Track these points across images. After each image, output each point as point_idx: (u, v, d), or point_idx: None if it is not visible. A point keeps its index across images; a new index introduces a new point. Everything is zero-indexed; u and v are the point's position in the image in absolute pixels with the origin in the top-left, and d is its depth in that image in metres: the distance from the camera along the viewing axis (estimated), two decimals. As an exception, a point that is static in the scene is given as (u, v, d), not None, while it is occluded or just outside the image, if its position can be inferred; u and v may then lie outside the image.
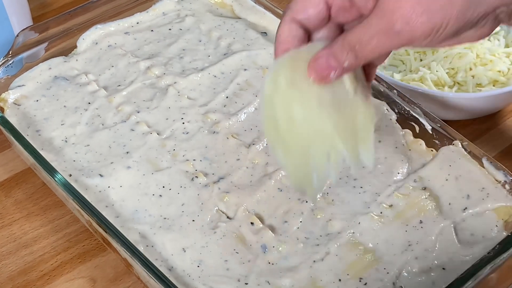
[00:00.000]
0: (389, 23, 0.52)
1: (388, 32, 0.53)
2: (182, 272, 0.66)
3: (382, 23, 0.52)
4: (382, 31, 0.53)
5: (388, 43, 0.53)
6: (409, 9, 0.51)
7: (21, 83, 0.83)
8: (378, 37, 0.53)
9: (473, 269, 0.64)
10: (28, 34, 0.85)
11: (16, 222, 0.79)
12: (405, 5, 0.51)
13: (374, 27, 0.53)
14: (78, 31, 0.89)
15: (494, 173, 0.73)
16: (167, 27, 0.92)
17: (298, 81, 0.58)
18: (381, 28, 0.53)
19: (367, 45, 0.54)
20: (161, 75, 0.85)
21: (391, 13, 0.52)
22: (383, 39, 0.53)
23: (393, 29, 0.52)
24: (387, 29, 0.52)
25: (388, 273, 0.66)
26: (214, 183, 0.73)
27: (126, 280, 0.74)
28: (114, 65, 0.87)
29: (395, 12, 0.52)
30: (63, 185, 0.70)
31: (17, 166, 0.85)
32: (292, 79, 0.58)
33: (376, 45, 0.54)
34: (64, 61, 0.87)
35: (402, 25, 0.52)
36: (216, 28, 0.92)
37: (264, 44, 0.89)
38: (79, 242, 0.77)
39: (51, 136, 0.78)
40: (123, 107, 0.81)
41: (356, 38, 0.54)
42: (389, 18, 0.52)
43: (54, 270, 0.75)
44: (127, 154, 0.76)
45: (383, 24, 0.52)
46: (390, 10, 0.52)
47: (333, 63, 0.55)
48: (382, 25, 0.53)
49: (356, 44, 0.54)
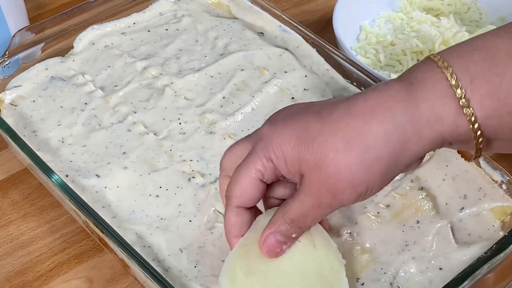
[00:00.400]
0: (318, 200, 0.56)
1: (320, 206, 0.57)
2: (179, 272, 0.66)
3: (312, 200, 0.56)
4: (315, 206, 0.57)
5: (324, 213, 0.58)
6: (333, 185, 0.55)
7: (17, 84, 0.83)
8: (313, 211, 0.57)
9: (470, 269, 0.64)
10: (25, 35, 0.85)
11: (13, 223, 0.79)
12: (328, 182, 0.55)
13: (306, 203, 0.57)
14: (75, 31, 0.89)
15: (491, 173, 0.73)
16: (164, 28, 0.92)
17: (254, 266, 0.60)
18: (313, 204, 0.57)
19: (306, 218, 0.58)
20: (158, 76, 0.85)
21: (318, 192, 0.56)
22: (318, 211, 0.57)
23: (323, 203, 0.56)
24: (319, 204, 0.57)
25: (385, 273, 0.66)
26: (211, 183, 0.73)
27: (123, 280, 0.74)
28: (111, 65, 0.87)
29: (321, 191, 0.55)
30: (59, 185, 0.70)
31: (14, 166, 0.85)
32: (248, 267, 0.60)
33: (314, 217, 0.58)
34: (61, 62, 0.87)
35: (330, 199, 0.56)
36: (213, 29, 0.92)
37: (261, 45, 0.89)
38: (76, 242, 0.77)
39: (48, 137, 0.78)
40: (120, 108, 0.81)
41: (294, 214, 0.58)
42: (317, 196, 0.56)
43: (51, 270, 0.75)
44: (124, 155, 0.76)
45: (314, 201, 0.56)
46: (317, 189, 0.56)
47: (282, 238, 0.59)
48: (313, 201, 0.57)
49: (296, 219, 0.58)
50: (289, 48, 0.89)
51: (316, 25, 1.06)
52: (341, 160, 0.54)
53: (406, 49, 0.95)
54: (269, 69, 0.86)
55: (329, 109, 0.56)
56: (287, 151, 0.56)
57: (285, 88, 0.84)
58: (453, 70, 0.53)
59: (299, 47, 0.89)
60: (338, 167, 0.54)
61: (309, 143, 0.55)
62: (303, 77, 0.85)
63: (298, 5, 1.11)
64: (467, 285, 0.63)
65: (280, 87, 0.84)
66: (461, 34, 0.93)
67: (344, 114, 0.55)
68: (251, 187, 0.59)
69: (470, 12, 1.04)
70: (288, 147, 0.56)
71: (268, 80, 0.84)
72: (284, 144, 0.56)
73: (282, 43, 0.90)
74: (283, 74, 0.85)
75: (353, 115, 0.55)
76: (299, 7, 1.11)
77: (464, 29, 0.96)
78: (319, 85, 0.84)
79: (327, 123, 0.55)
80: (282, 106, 0.80)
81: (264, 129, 0.59)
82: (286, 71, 0.86)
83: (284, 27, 0.91)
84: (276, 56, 0.88)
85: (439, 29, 0.96)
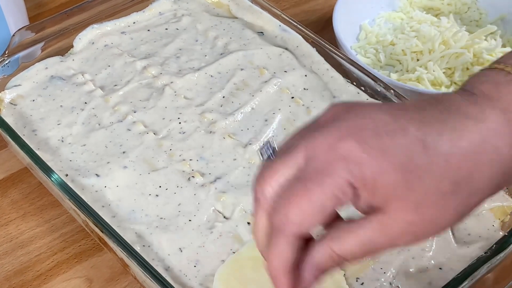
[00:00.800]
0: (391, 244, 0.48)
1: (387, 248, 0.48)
2: (178, 272, 0.66)
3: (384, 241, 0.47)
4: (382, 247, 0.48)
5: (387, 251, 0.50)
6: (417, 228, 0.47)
7: (17, 83, 0.83)
8: (373, 253, 0.48)
9: (469, 269, 0.64)
10: (25, 34, 0.85)
11: (12, 222, 0.79)
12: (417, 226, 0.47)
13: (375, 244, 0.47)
14: (75, 30, 0.89)
15: (490, 173, 0.73)
16: (164, 27, 0.92)
17: (249, 276, 0.61)
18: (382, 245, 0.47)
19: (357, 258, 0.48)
20: (158, 75, 0.85)
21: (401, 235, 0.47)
22: (378, 253, 0.49)
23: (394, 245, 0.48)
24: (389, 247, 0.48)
25: (385, 273, 0.66)
26: (211, 183, 0.73)
27: (122, 280, 0.74)
28: (111, 64, 0.87)
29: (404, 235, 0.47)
30: (59, 185, 0.70)
31: (13, 166, 0.85)
32: (242, 278, 0.62)
33: (367, 257, 0.49)
34: (61, 61, 0.87)
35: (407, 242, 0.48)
36: (213, 28, 0.92)
37: (261, 44, 0.89)
38: (75, 242, 0.77)
39: (48, 136, 0.78)
40: (120, 107, 0.81)
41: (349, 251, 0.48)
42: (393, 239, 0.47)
43: (50, 270, 0.75)
44: (123, 154, 0.76)
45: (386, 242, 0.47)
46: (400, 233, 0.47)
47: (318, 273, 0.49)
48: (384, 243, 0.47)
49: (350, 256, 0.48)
50: (289, 47, 0.89)
51: (316, 25, 1.06)
52: (447, 205, 0.47)
53: (406, 48, 0.94)
54: (269, 69, 0.86)
55: (433, 138, 0.47)
56: (382, 184, 0.46)
57: (285, 87, 0.84)
58: None
59: (299, 47, 0.89)
60: (440, 212, 0.47)
61: (414, 181, 0.46)
62: (303, 76, 0.85)
63: (298, 4, 1.11)
64: (467, 285, 0.63)
65: (280, 87, 0.84)
66: (461, 34, 0.93)
67: (450, 147, 0.47)
68: (319, 213, 0.46)
69: (470, 12, 1.04)
70: (387, 179, 0.46)
71: (268, 80, 0.84)
72: (382, 175, 0.45)
73: (282, 43, 0.90)
74: (283, 74, 0.85)
75: (459, 150, 0.47)
76: (299, 7, 1.10)
77: (464, 28, 0.96)
78: (319, 85, 0.84)
79: (435, 158, 0.46)
80: (281, 106, 0.81)
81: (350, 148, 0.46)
82: (286, 71, 0.86)
83: (284, 27, 0.90)
84: (276, 55, 0.88)
85: (439, 28, 0.96)
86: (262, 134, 0.78)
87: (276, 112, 0.81)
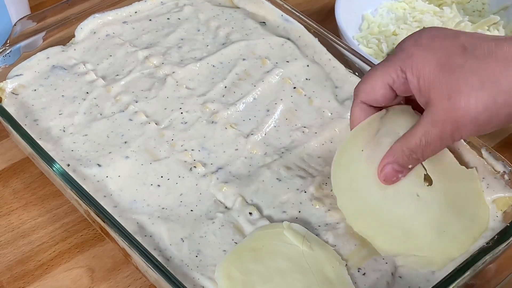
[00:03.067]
0: (442, 130, 0.60)
1: (442, 137, 0.61)
2: (180, 262, 0.66)
3: (436, 131, 0.60)
4: (437, 137, 0.61)
5: (443, 144, 0.62)
6: (458, 118, 0.59)
7: (18, 73, 0.83)
8: (435, 142, 0.61)
9: (472, 260, 0.64)
10: (26, 23, 0.85)
11: (14, 212, 0.79)
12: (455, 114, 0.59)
13: (430, 134, 0.61)
14: (76, 20, 0.89)
15: (493, 164, 0.73)
16: (166, 17, 0.92)
17: (250, 267, 0.64)
18: (436, 135, 0.61)
19: (426, 149, 0.62)
20: (160, 65, 0.85)
21: (443, 123, 0.60)
22: (439, 142, 0.62)
23: (446, 134, 0.60)
24: (441, 136, 0.61)
25: (386, 263, 0.66)
26: (213, 173, 0.73)
27: (124, 269, 0.74)
28: (112, 54, 0.87)
29: (446, 121, 0.59)
30: (61, 174, 0.70)
31: (15, 155, 0.85)
32: (244, 268, 0.64)
33: (433, 148, 0.62)
34: (62, 51, 0.86)
35: (453, 131, 0.60)
36: (215, 18, 0.92)
37: (263, 34, 0.89)
38: (77, 232, 0.77)
39: (49, 126, 0.78)
40: (121, 97, 0.81)
41: (415, 145, 0.62)
42: (441, 126, 0.60)
43: (52, 260, 0.75)
44: (125, 144, 0.76)
45: (438, 131, 0.60)
46: (442, 120, 0.59)
47: (398, 168, 0.65)
48: (436, 132, 0.60)
49: (416, 150, 0.63)
50: (291, 37, 0.89)
51: (318, 15, 1.05)
52: (473, 97, 0.57)
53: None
54: (271, 59, 0.86)
55: (475, 46, 0.59)
56: (424, 72, 0.60)
57: (287, 77, 0.83)
58: None
59: (301, 37, 0.88)
60: (468, 102, 0.58)
61: (448, 73, 0.59)
62: (305, 66, 0.85)
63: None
64: (469, 275, 0.63)
65: (282, 77, 0.83)
66: (463, 24, 0.93)
67: (487, 55, 0.58)
68: (379, 88, 0.64)
69: (472, 2, 1.03)
70: (427, 69, 0.60)
71: (270, 70, 0.84)
72: (424, 65, 0.60)
73: (284, 33, 0.90)
74: (285, 64, 0.85)
75: (494, 58, 0.58)
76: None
77: (467, 18, 0.95)
78: (321, 75, 0.84)
79: (470, 59, 0.58)
80: (283, 96, 0.81)
81: (408, 44, 0.62)
82: (288, 61, 0.86)
83: (286, 17, 0.90)
84: (278, 45, 0.88)
85: (441, 19, 0.96)
86: (264, 124, 0.78)
87: (278, 102, 0.81)
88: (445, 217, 0.67)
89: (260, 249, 0.65)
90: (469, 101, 0.58)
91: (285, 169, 0.74)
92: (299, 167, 0.74)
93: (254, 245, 0.66)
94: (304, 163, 0.75)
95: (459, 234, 0.67)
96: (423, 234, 0.66)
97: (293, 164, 0.74)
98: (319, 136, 0.77)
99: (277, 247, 0.65)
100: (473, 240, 0.67)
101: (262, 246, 0.65)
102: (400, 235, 0.67)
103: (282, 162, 0.74)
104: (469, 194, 0.70)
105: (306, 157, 0.75)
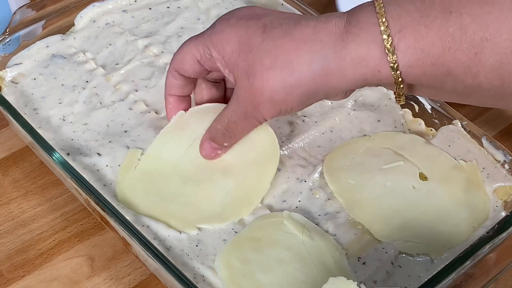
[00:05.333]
0: (245, 110, 0.62)
1: (246, 117, 0.62)
2: (180, 251, 0.66)
3: (240, 109, 0.62)
4: (242, 116, 0.63)
5: (251, 125, 0.64)
6: (256, 97, 0.60)
7: (18, 61, 0.83)
8: (241, 121, 0.63)
9: (472, 249, 0.64)
10: (25, 12, 0.85)
11: (14, 201, 0.79)
12: (253, 93, 0.60)
13: (236, 113, 0.63)
14: (76, 8, 0.88)
15: (493, 153, 0.73)
16: (165, 5, 0.92)
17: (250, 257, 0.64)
18: (241, 114, 0.63)
19: (236, 128, 0.65)
20: (159, 54, 0.85)
21: (245, 102, 0.61)
22: (245, 122, 0.63)
23: (249, 114, 0.62)
24: (245, 115, 0.62)
25: (386, 253, 0.66)
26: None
27: (124, 258, 0.74)
28: (112, 43, 0.86)
29: (247, 101, 0.61)
30: (61, 164, 0.70)
31: (15, 144, 0.85)
32: (243, 258, 0.64)
33: (242, 128, 0.65)
34: (62, 39, 0.86)
35: (254, 111, 0.61)
36: (215, 6, 0.91)
37: (263, 23, 0.89)
38: (77, 221, 0.77)
39: (49, 115, 0.78)
40: (121, 86, 0.81)
41: (226, 123, 0.65)
42: (244, 106, 0.61)
43: (52, 249, 0.75)
44: (125, 133, 0.76)
45: (242, 110, 0.62)
46: (244, 99, 0.61)
47: (216, 145, 0.68)
48: (241, 111, 0.62)
49: (227, 128, 0.65)
50: (291, 26, 0.88)
51: (319, 3, 1.05)
52: (266, 76, 0.58)
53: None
54: (271, 48, 0.85)
55: (275, 26, 0.60)
56: (226, 51, 0.61)
57: (287, 66, 0.83)
58: (386, 18, 0.54)
59: (302, 26, 0.88)
60: (262, 81, 0.59)
61: (246, 53, 0.60)
62: (305, 55, 0.84)
63: (300, -18, 1.10)
64: (469, 264, 0.63)
65: (282, 66, 0.83)
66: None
67: (283, 35, 0.59)
68: (188, 60, 0.65)
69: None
70: (229, 48, 0.61)
71: (270, 59, 0.84)
72: (227, 44, 0.61)
73: (284, 22, 0.89)
74: (285, 53, 0.85)
75: (289, 38, 0.58)
76: (301, -15, 1.10)
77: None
78: (322, 64, 0.84)
79: (267, 39, 0.59)
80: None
81: (219, 21, 0.64)
82: (288, 50, 0.85)
83: (286, 5, 0.90)
84: (278, 34, 0.87)
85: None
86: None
87: (278, 91, 0.80)
88: (444, 208, 0.67)
89: (260, 238, 0.65)
90: (262, 81, 0.58)
91: (286, 158, 0.73)
92: (300, 156, 0.74)
93: (254, 234, 0.66)
94: (304, 152, 0.75)
95: (458, 223, 0.67)
96: (421, 223, 0.66)
97: (294, 153, 0.74)
98: (319, 125, 0.77)
99: (277, 237, 0.65)
100: (473, 230, 0.67)
101: (262, 235, 0.65)
102: (398, 223, 0.67)
103: (283, 151, 0.74)
104: (468, 185, 0.70)
105: (307, 146, 0.75)
